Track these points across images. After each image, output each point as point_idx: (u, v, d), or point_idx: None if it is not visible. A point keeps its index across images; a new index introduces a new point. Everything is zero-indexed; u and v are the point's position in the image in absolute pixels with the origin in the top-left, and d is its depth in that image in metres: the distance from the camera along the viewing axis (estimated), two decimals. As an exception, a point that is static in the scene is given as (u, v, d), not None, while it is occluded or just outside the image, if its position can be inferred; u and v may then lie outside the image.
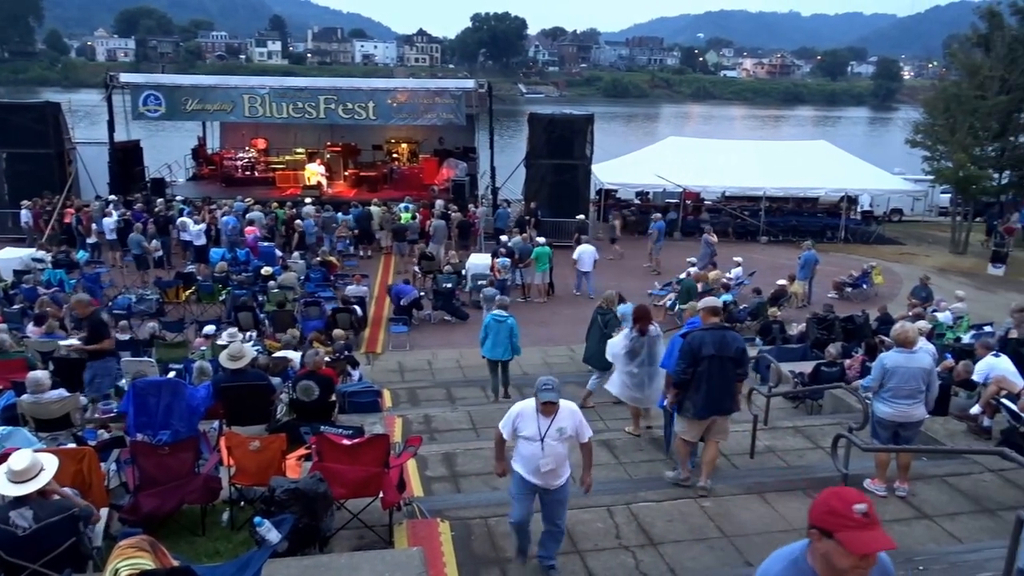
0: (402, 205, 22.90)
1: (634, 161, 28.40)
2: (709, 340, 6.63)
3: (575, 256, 18.76)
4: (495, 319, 11.34)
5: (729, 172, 26.58)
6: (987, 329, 13.59)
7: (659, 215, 22.79)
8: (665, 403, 7.48)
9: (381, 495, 6.03)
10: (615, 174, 27.15)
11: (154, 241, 19.09)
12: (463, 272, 18.25)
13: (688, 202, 27.25)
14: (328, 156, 28.15)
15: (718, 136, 45.58)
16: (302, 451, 7.08)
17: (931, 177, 27.09)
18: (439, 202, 23.25)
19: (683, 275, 17.33)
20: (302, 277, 17.38)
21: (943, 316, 14.79)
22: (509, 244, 19.28)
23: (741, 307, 16.66)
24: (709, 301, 7.17)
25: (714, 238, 20.31)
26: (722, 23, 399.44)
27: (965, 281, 20.96)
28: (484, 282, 17.30)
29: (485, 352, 11.43)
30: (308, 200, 23.15)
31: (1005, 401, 8.30)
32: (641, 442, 8.55)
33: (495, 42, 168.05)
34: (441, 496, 7.29)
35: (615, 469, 7.89)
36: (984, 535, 6.18)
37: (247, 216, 21.06)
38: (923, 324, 9.69)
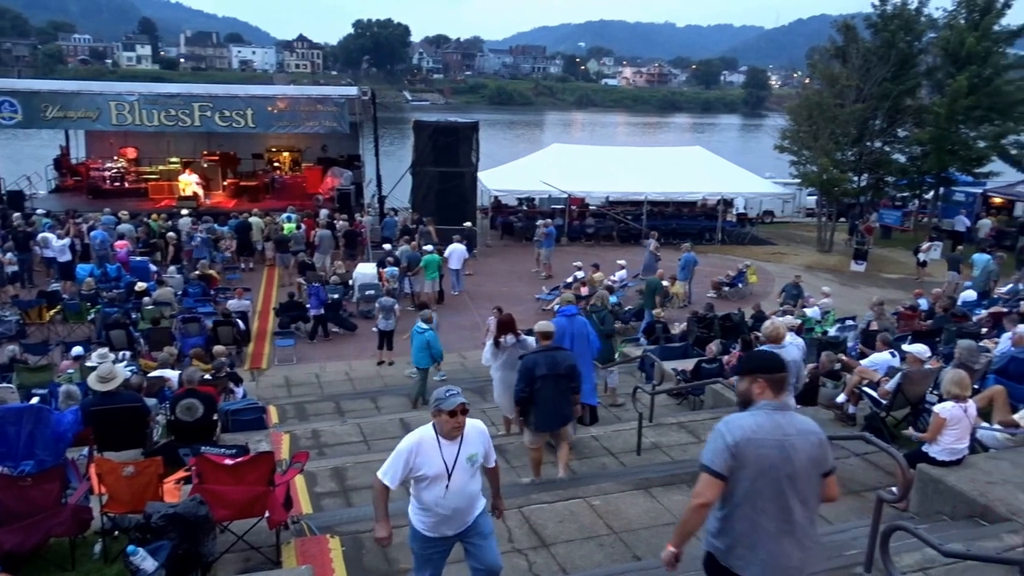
0: (285, 215, 22.33)
1: (520, 168, 28.76)
2: (542, 361, 7.22)
3: (446, 254, 19.13)
4: (416, 331, 11.95)
5: (612, 178, 27.35)
6: (849, 323, 14.55)
7: (549, 220, 23.16)
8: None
9: (267, 514, 5.84)
10: (501, 181, 27.40)
11: (9, 254, 17.80)
12: (350, 282, 17.97)
13: (573, 208, 27.81)
14: (205, 165, 27.08)
15: (601, 143, 46.86)
16: (181, 474, 6.79)
17: (798, 180, 28.71)
18: (324, 211, 22.83)
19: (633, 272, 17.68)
20: (179, 292, 16.66)
21: (812, 312, 15.71)
22: (397, 253, 19.14)
23: (626, 308, 17.14)
24: (542, 325, 7.64)
25: (655, 244, 20.85)
26: (602, 32, 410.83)
27: (831, 278, 22.32)
28: (372, 292, 17.10)
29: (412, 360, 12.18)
30: (184, 212, 22.20)
31: (867, 389, 8.89)
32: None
33: (378, 49, 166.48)
34: (331, 512, 7.15)
35: (507, 473, 7.92)
36: (851, 515, 6.58)
37: (117, 229, 19.98)
38: (791, 319, 10.24)
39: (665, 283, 18.25)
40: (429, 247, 19.15)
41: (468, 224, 22.62)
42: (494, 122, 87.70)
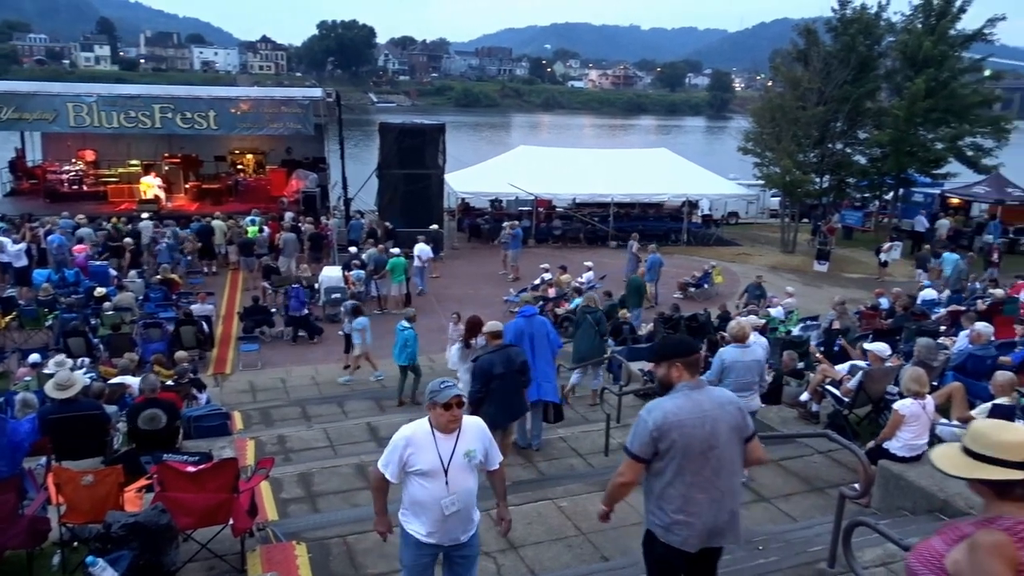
0: (249, 218, 22.05)
1: (487, 170, 28.75)
2: (497, 360, 7.44)
3: (416, 253, 19.31)
4: (398, 328, 12.11)
5: (579, 180, 27.45)
6: (811, 322, 14.76)
7: (516, 222, 23.17)
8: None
9: (231, 522, 5.75)
10: (468, 183, 27.37)
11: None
12: (316, 286, 17.80)
13: (540, 210, 27.87)
14: (166, 168, 26.66)
15: (567, 145, 46.98)
16: (143, 482, 6.65)
17: (762, 182, 29.05)
18: (289, 214, 22.60)
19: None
20: (140, 297, 16.36)
21: (776, 311, 15.89)
22: (363, 256, 19.03)
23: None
24: (491, 325, 7.89)
25: (636, 246, 20.92)
26: (568, 35, 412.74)
27: (794, 278, 22.63)
28: (338, 295, 16.97)
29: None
30: (145, 215, 21.82)
31: (830, 387, 9.02)
32: (508, 449, 8.64)
33: (343, 50, 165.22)
34: (297, 518, 7.06)
35: (475, 476, 7.92)
36: (815, 512, 6.67)
37: (77, 233, 19.58)
38: (755, 319, 10.35)
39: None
40: (396, 250, 19.10)
41: (435, 226, 22.55)
42: (460, 124, 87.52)
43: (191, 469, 5.81)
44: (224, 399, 12.19)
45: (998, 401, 7.50)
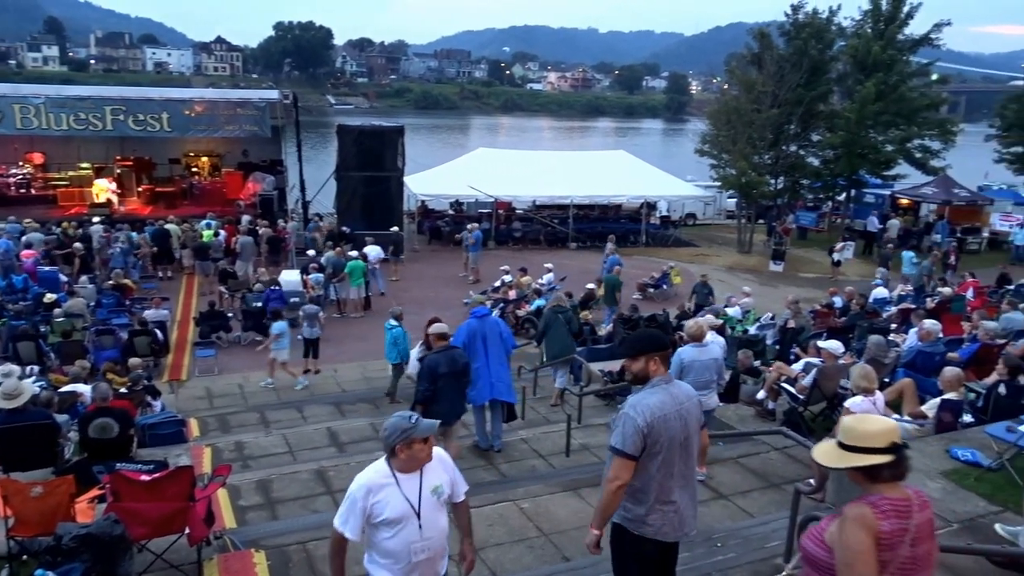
0: (204, 222, 21.69)
1: (446, 172, 28.69)
2: (443, 361, 7.67)
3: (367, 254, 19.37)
4: (386, 326, 12.20)
5: (538, 182, 27.52)
6: (767, 321, 15.01)
7: (475, 225, 23.17)
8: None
9: (187, 531, 5.65)
10: (428, 185, 27.28)
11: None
12: (274, 290, 17.57)
13: (500, 212, 27.89)
14: (118, 171, 26.09)
15: (526, 147, 47.11)
16: (95, 492, 6.51)
17: (718, 183, 29.46)
18: (245, 217, 22.29)
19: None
20: (92, 303, 15.99)
21: (733, 311, 16.12)
22: (322, 259, 18.86)
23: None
24: (437, 328, 8.03)
25: (610, 248, 20.97)
26: (526, 37, 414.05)
27: (750, 278, 22.96)
28: (297, 299, 16.77)
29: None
30: (96, 219, 21.33)
31: (785, 385, 9.18)
32: (460, 449, 8.62)
33: (300, 52, 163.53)
34: (256, 525, 6.96)
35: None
36: (772, 508, 6.77)
37: (26, 238, 19.08)
38: (712, 319, 10.49)
39: (591, 286, 18.44)
40: (353, 253, 18.96)
41: (395, 229, 22.44)
42: (419, 126, 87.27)
43: (145, 478, 5.71)
44: (180, 406, 11.98)
45: (946, 396, 7.72)
